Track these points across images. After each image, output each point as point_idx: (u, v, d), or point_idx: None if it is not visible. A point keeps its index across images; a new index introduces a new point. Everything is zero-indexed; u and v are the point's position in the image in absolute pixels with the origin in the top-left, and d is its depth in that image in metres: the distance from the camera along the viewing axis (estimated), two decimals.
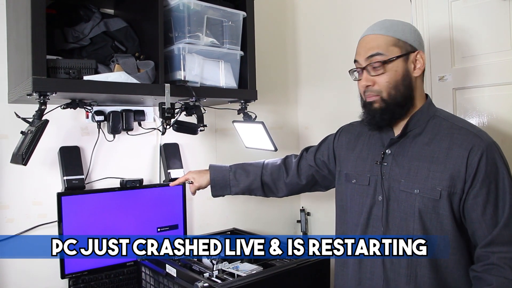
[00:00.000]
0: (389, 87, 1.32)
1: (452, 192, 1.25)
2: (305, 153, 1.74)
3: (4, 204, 1.73)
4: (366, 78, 1.35)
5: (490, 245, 1.22)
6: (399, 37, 1.34)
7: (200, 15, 1.74)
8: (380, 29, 1.36)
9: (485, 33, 1.78)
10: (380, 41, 1.34)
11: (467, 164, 1.24)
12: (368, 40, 1.37)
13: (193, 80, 1.74)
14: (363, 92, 1.38)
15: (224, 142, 2.35)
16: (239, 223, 2.34)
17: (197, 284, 1.40)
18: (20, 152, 1.43)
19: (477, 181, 1.23)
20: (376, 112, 1.35)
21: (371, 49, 1.34)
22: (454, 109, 1.87)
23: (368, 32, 1.39)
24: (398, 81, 1.33)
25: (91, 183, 1.92)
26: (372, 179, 1.42)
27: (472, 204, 1.24)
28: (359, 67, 1.37)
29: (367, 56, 1.34)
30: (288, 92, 2.66)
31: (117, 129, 1.91)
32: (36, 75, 1.37)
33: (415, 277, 1.29)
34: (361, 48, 1.38)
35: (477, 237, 1.25)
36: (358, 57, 1.38)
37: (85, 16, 1.75)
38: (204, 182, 1.76)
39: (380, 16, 1.43)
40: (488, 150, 1.24)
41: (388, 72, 1.32)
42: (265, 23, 2.48)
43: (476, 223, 1.24)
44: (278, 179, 1.74)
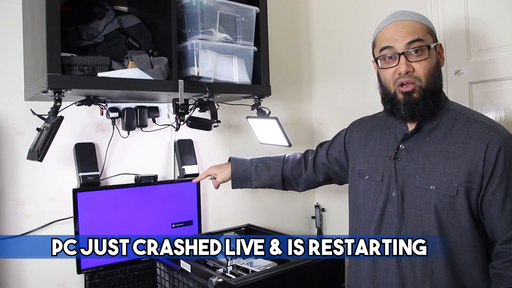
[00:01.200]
0: (429, 75, 1.27)
1: (470, 188, 1.23)
2: (320, 149, 1.73)
3: (21, 200, 1.75)
4: (406, 63, 1.27)
5: (511, 241, 1.20)
6: (430, 26, 1.32)
7: (213, 11, 1.74)
8: (412, 16, 1.31)
9: (503, 25, 1.75)
10: (418, 27, 1.29)
11: (485, 159, 1.21)
12: (404, 25, 1.29)
13: (207, 76, 1.74)
14: (395, 81, 1.30)
15: (238, 138, 2.35)
16: (254, 219, 2.34)
17: (211, 279, 1.40)
18: (36, 149, 1.44)
19: (496, 176, 1.21)
20: (418, 103, 1.27)
21: (411, 34, 1.27)
22: (470, 103, 1.84)
23: (399, 18, 1.31)
24: (435, 70, 1.29)
25: (106, 179, 1.93)
26: (386, 175, 1.39)
27: (490, 200, 1.22)
28: (394, 53, 1.29)
29: (409, 41, 1.27)
30: (302, 88, 2.64)
31: (131, 125, 1.92)
32: (51, 72, 1.38)
33: (431, 274, 1.27)
34: (396, 33, 1.29)
35: (496, 233, 1.23)
36: (393, 42, 1.29)
37: (99, 13, 1.76)
38: (227, 176, 1.78)
39: (396, 8, 1.39)
40: (506, 144, 1.21)
41: (430, 59, 1.28)
42: (279, 18, 2.47)
43: (495, 219, 1.22)
44: (298, 175, 1.75)
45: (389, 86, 1.33)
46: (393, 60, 1.30)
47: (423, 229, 1.28)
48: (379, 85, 1.39)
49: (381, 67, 1.34)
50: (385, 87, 1.35)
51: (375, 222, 1.39)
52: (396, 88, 1.30)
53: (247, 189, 2.32)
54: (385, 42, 1.32)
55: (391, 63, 1.31)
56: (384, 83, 1.35)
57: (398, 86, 1.30)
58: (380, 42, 1.34)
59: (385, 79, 1.34)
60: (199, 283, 1.49)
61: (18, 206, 1.75)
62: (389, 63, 1.31)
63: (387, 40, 1.31)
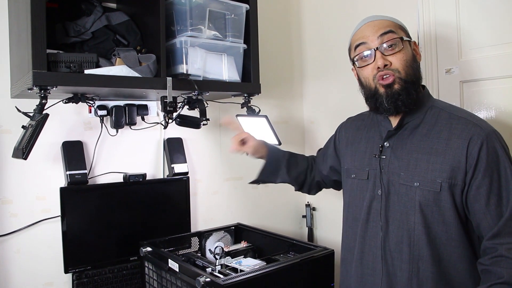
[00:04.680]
0: (407, 66, 1.29)
1: (453, 183, 1.23)
2: (321, 163, 1.71)
3: (7, 199, 1.73)
4: (382, 57, 1.29)
5: (497, 237, 1.19)
6: (401, 24, 1.36)
7: (202, 8, 1.72)
8: (384, 17, 1.35)
9: (494, 23, 1.74)
10: (388, 23, 1.33)
11: (467, 154, 1.21)
12: (375, 23, 1.33)
13: (196, 74, 1.72)
14: (374, 76, 1.31)
15: (229, 136, 2.32)
16: (244, 218, 2.32)
17: (199, 279, 1.39)
18: (20, 147, 1.42)
19: (479, 171, 1.20)
20: (400, 94, 1.28)
21: (383, 28, 1.30)
22: (461, 102, 1.83)
23: (371, 19, 1.35)
24: (411, 61, 1.30)
25: (94, 177, 1.91)
26: (371, 173, 1.39)
27: (475, 195, 1.22)
28: (368, 49, 1.31)
29: (380, 34, 1.29)
30: (294, 86, 2.63)
31: (120, 123, 1.91)
32: (36, 69, 1.36)
33: (417, 271, 1.26)
34: (367, 31, 1.33)
35: (483, 228, 1.22)
36: (365, 38, 1.32)
37: (87, 10, 1.74)
38: (257, 155, 1.69)
39: (387, 6, 1.41)
40: (488, 139, 1.21)
41: (404, 50, 1.29)
42: (269, 15, 2.46)
43: (480, 214, 1.22)
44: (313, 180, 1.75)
45: (369, 83, 1.34)
46: (369, 57, 1.32)
47: (409, 226, 1.28)
48: (360, 87, 1.40)
49: (359, 66, 1.36)
50: (366, 85, 1.36)
51: (361, 220, 1.39)
52: (377, 83, 1.31)
53: (236, 187, 2.32)
54: (358, 40, 1.35)
55: (368, 60, 1.32)
56: (364, 81, 1.36)
57: (379, 80, 1.30)
58: (353, 43, 1.38)
59: (365, 77, 1.35)
60: (187, 282, 1.48)
61: (4, 204, 1.72)
62: (366, 61, 1.33)
63: (360, 38, 1.34)
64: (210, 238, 1.98)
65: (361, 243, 1.39)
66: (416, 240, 1.27)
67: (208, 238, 1.97)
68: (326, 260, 1.65)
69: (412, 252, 1.27)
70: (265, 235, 1.95)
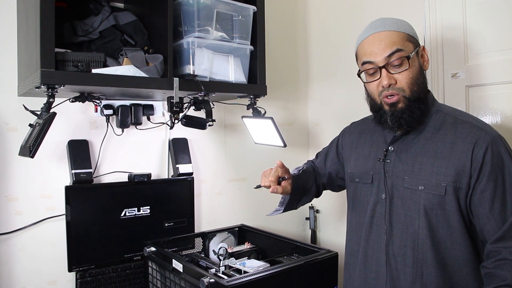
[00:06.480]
0: (412, 84, 1.28)
1: (458, 187, 1.23)
2: (323, 168, 1.69)
3: (13, 196, 1.74)
4: (388, 76, 1.28)
5: (501, 240, 1.19)
6: (408, 32, 1.31)
7: (210, 9, 1.73)
8: (390, 26, 1.30)
9: (500, 28, 1.74)
10: (395, 37, 1.28)
11: (472, 158, 1.22)
12: (382, 37, 1.29)
13: (202, 75, 1.72)
14: (380, 93, 1.31)
15: (234, 137, 2.34)
16: (248, 220, 2.32)
17: (203, 279, 1.39)
18: (27, 145, 1.43)
19: (483, 175, 1.21)
20: (404, 112, 1.28)
21: (390, 46, 1.27)
22: (466, 107, 1.83)
23: (377, 29, 1.31)
24: (418, 77, 1.30)
25: (99, 177, 1.91)
26: (376, 177, 1.40)
27: (479, 199, 1.22)
28: (374, 67, 1.30)
29: (388, 54, 1.27)
30: (299, 88, 2.63)
31: (126, 123, 1.91)
32: (44, 68, 1.37)
33: (421, 275, 1.27)
34: (374, 47, 1.29)
35: (486, 232, 1.22)
36: (372, 57, 1.29)
37: (95, 9, 1.75)
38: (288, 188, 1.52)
39: (393, 10, 1.39)
40: (493, 143, 1.22)
41: (411, 68, 1.28)
42: (276, 18, 2.46)
43: (484, 218, 1.22)
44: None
45: (375, 98, 1.35)
46: (376, 74, 1.31)
47: (413, 230, 1.28)
48: (366, 96, 1.41)
49: (365, 81, 1.36)
50: (372, 99, 1.37)
51: (365, 224, 1.40)
52: (382, 100, 1.32)
53: (240, 188, 2.33)
54: (365, 57, 1.32)
55: (374, 76, 1.32)
56: (370, 95, 1.37)
57: (384, 98, 1.31)
58: (360, 56, 1.36)
59: (371, 92, 1.36)
60: (191, 283, 1.48)
61: (10, 202, 1.73)
62: (372, 77, 1.33)
63: (366, 55, 1.32)
64: (214, 239, 1.98)
65: (365, 247, 1.39)
66: (420, 244, 1.27)
67: (212, 239, 1.98)
68: (330, 262, 1.65)
69: (416, 256, 1.27)
70: (268, 236, 1.95)
